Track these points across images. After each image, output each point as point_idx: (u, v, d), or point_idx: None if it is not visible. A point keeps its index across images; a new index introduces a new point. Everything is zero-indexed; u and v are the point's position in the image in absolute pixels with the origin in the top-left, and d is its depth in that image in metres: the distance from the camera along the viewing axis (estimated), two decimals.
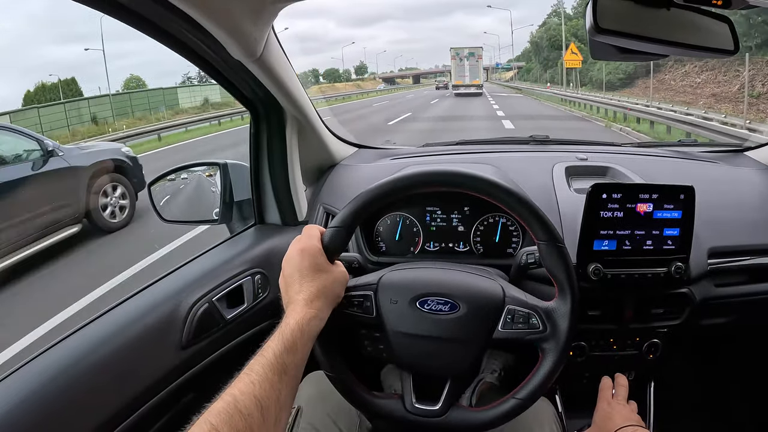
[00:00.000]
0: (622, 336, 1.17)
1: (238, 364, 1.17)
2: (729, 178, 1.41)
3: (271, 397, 0.64)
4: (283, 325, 0.73)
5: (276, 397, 0.65)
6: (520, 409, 0.83)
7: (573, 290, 0.85)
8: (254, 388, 0.63)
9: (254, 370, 0.66)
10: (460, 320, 0.84)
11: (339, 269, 0.83)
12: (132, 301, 0.98)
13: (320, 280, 0.79)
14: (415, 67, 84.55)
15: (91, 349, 0.85)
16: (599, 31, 0.83)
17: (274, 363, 0.67)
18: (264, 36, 0.95)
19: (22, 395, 0.75)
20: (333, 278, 0.81)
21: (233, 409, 0.60)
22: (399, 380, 1.39)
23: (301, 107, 1.22)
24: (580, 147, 1.59)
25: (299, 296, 0.77)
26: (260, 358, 0.68)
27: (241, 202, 1.34)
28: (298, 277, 0.78)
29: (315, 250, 0.81)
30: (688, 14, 0.85)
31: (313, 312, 0.75)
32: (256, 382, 0.64)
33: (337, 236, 0.84)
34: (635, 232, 1.06)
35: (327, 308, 0.79)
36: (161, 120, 17.99)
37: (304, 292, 0.77)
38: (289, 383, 0.68)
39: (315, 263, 0.79)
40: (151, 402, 0.89)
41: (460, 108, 19.80)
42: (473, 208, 1.22)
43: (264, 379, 0.65)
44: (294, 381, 0.70)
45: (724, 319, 1.21)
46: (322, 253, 0.81)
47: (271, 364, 0.67)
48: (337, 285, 0.82)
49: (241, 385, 0.64)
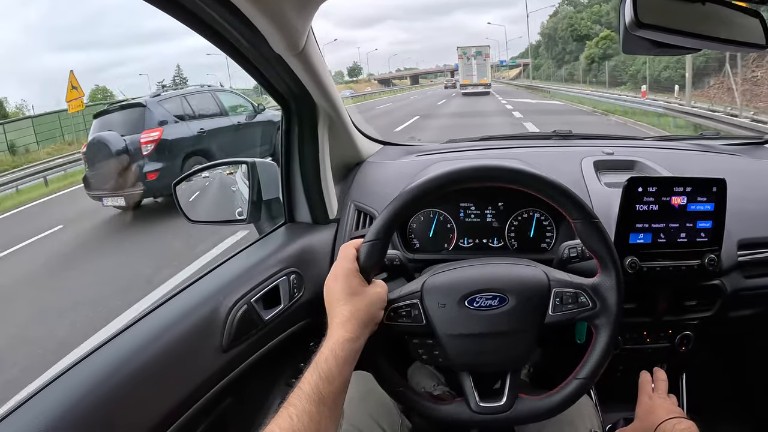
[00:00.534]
0: (655, 329, 1.18)
1: (275, 366, 1.16)
2: (753, 169, 1.42)
3: (311, 429, 0.64)
4: (318, 354, 0.73)
5: (315, 428, 0.65)
6: (583, 389, 0.83)
7: (615, 263, 0.85)
8: (293, 422, 0.64)
9: (292, 404, 0.66)
10: (511, 312, 0.84)
11: (375, 290, 0.82)
12: (169, 304, 0.96)
13: (353, 302, 0.78)
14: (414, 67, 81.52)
15: (131, 355, 0.83)
16: (640, 25, 0.84)
17: (311, 394, 0.67)
18: (306, 29, 0.93)
19: (65, 405, 0.73)
20: (368, 301, 0.80)
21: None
22: (426, 378, 1.40)
23: (334, 103, 1.21)
24: (603, 141, 1.60)
25: (333, 321, 0.77)
26: (298, 390, 0.68)
27: (269, 201, 1.33)
28: (334, 301, 0.79)
29: (349, 273, 0.81)
30: (722, 9, 0.87)
31: (346, 335, 0.75)
32: (294, 415, 0.65)
33: (374, 250, 0.83)
34: (670, 225, 1.07)
35: (361, 330, 0.78)
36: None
37: (338, 316, 0.77)
38: (329, 413, 0.68)
39: (349, 286, 0.79)
40: (193, 408, 0.87)
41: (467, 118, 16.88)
42: (507, 204, 1.22)
43: (302, 412, 0.65)
44: (334, 410, 0.70)
45: (752, 310, 1.22)
46: (356, 274, 0.81)
47: (308, 396, 0.67)
48: (372, 307, 0.80)
49: (280, 420, 0.64)
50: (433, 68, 77.57)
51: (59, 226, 6.84)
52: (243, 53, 0.96)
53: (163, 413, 0.82)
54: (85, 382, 0.76)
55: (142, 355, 0.83)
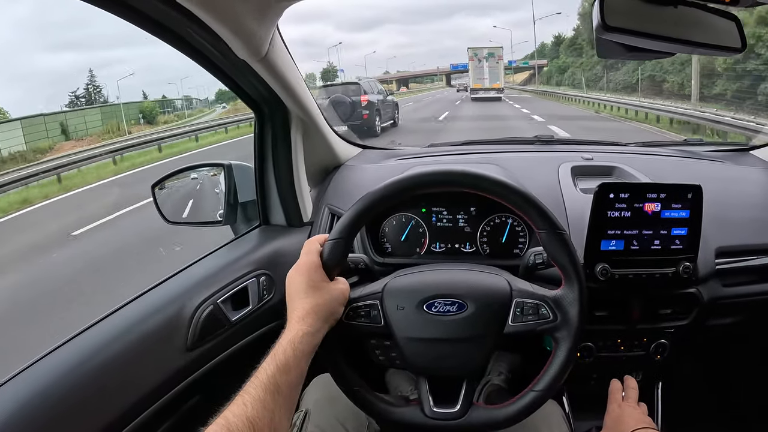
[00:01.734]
0: (629, 336, 1.16)
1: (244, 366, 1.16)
2: (735, 177, 1.40)
3: (264, 417, 0.64)
4: (276, 345, 0.74)
5: (269, 417, 0.65)
6: (539, 401, 0.83)
7: (579, 276, 0.84)
8: (246, 409, 0.64)
9: (248, 392, 0.66)
10: (469, 319, 0.84)
11: (336, 286, 0.83)
12: (137, 302, 0.97)
13: (314, 297, 0.79)
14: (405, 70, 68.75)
15: (96, 351, 0.84)
16: (607, 29, 0.83)
17: (266, 383, 0.67)
18: (269, 35, 0.95)
19: (27, 397, 0.74)
20: (329, 296, 0.80)
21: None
22: (404, 382, 1.39)
23: (305, 107, 1.21)
24: (585, 147, 1.59)
25: (293, 314, 0.77)
26: (254, 379, 0.69)
27: (246, 203, 1.33)
28: (295, 295, 0.79)
29: (311, 267, 0.81)
30: (695, 12, 0.85)
31: (304, 328, 0.75)
32: (249, 403, 0.64)
33: (337, 248, 0.84)
34: (643, 231, 1.05)
35: (320, 324, 0.78)
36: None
37: (297, 310, 0.77)
38: (284, 403, 0.68)
39: (310, 280, 0.80)
40: (156, 404, 0.89)
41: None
42: (479, 209, 1.22)
43: (256, 399, 0.65)
44: (289, 400, 0.70)
45: (731, 319, 1.21)
46: (318, 269, 0.81)
47: (264, 384, 0.67)
48: (332, 302, 0.81)
49: (234, 407, 0.64)
50: (425, 70, 66.57)
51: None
52: (209, 58, 0.97)
53: (127, 406, 0.84)
54: (48, 376, 0.78)
55: (106, 351, 0.85)
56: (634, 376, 1.21)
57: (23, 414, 0.72)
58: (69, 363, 0.81)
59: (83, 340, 0.86)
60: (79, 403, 0.78)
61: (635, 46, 0.90)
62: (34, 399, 0.74)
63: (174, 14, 0.80)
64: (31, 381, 0.77)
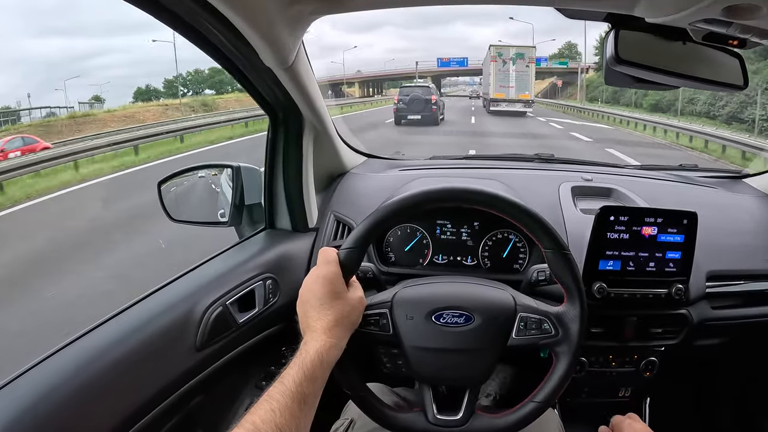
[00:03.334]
0: (621, 353, 1.21)
1: (247, 367, 1.18)
2: (727, 203, 1.46)
3: (291, 426, 0.64)
4: (303, 352, 0.73)
5: (296, 426, 0.65)
6: (538, 412, 0.86)
7: (581, 294, 0.88)
8: (275, 416, 0.64)
9: (274, 398, 0.66)
10: (475, 331, 0.87)
11: (356, 296, 0.83)
12: (148, 301, 0.98)
13: (338, 307, 0.79)
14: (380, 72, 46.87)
15: (107, 348, 0.84)
16: (619, 61, 0.87)
17: (294, 392, 0.67)
18: (297, 45, 0.97)
19: (37, 394, 0.74)
20: (351, 306, 0.81)
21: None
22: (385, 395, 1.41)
23: (320, 115, 1.24)
24: (583, 167, 1.64)
25: (318, 324, 0.77)
26: (280, 385, 0.68)
27: (251, 206, 1.35)
28: (318, 304, 0.79)
29: (333, 276, 0.81)
30: (702, 48, 0.89)
31: (333, 341, 0.76)
32: (277, 410, 0.64)
33: (351, 258, 0.85)
34: (639, 254, 1.10)
35: (345, 336, 0.79)
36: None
37: (323, 320, 0.77)
38: (308, 412, 0.69)
39: (333, 290, 0.80)
40: (164, 403, 0.89)
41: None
42: (482, 223, 1.25)
43: (285, 407, 0.65)
44: (312, 409, 0.70)
45: (718, 340, 1.26)
46: (339, 279, 0.82)
47: (292, 392, 0.67)
48: (354, 312, 0.82)
49: (261, 412, 0.64)
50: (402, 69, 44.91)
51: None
52: (234, 63, 0.99)
53: (134, 407, 0.84)
54: (59, 373, 0.78)
55: (116, 349, 0.85)
56: (623, 391, 1.25)
57: (36, 410, 0.72)
58: (78, 361, 0.81)
59: (93, 339, 0.86)
60: (88, 402, 0.78)
61: (642, 78, 0.95)
62: (42, 399, 0.74)
63: (207, 16, 0.82)
64: (39, 380, 0.77)
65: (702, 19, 0.77)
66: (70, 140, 15.80)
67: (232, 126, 16.46)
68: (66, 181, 9.41)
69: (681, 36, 0.87)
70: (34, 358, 0.81)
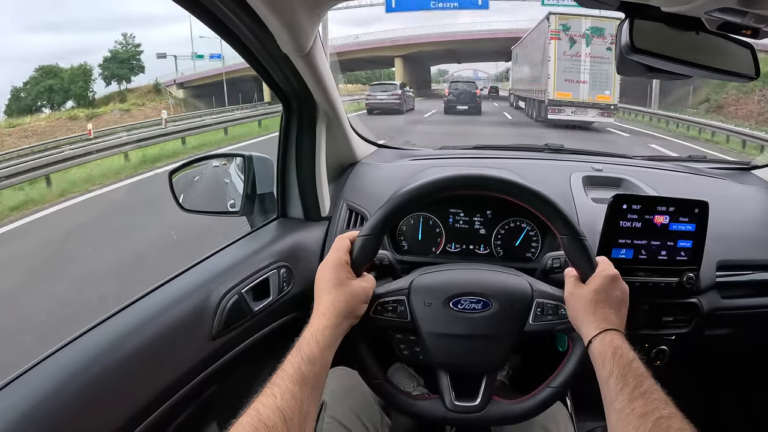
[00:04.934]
0: (632, 341, 1.21)
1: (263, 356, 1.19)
2: (737, 194, 1.47)
3: (294, 407, 0.66)
4: (300, 338, 0.76)
5: (298, 407, 0.67)
6: (555, 397, 0.87)
7: None
8: (276, 400, 0.66)
9: (275, 383, 0.68)
10: (493, 317, 0.88)
11: (360, 284, 0.84)
12: (163, 290, 0.98)
13: (335, 293, 0.81)
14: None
15: (124, 337, 0.85)
16: (634, 50, 0.88)
17: (293, 374, 0.69)
18: (315, 32, 0.97)
19: (57, 382, 0.74)
20: (350, 294, 0.82)
21: (257, 422, 0.62)
22: (406, 379, 1.43)
23: (334, 104, 1.24)
24: (593, 157, 1.65)
25: (317, 309, 0.80)
26: (280, 371, 0.70)
27: (263, 196, 1.35)
28: (321, 290, 0.82)
29: (338, 264, 0.83)
30: (714, 39, 0.90)
31: (324, 322, 0.78)
32: (278, 394, 0.66)
33: (367, 245, 0.85)
34: (651, 242, 1.11)
35: (339, 320, 0.80)
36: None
37: (320, 305, 0.80)
38: (311, 393, 0.70)
39: (336, 277, 0.82)
40: (181, 392, 0.89)
41: None
42: (495, 212, 1.26)
43: (285, 390, 0.67)
44: (316, 390, 0.72)
45: (727, 329, 1.27)
46: (345, 266, 0.83)
47: (290, 375, 0.69)
48: (353, 300, 0.82)
49: (263, 398, 0.66)
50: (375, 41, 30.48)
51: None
52: (251, 50, 0.99)
53: (151, 396, 0.84)
54: (78, 361, 0.78)
55: (133, 338, 0.85)
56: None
57: (56, 398, 0.73)
58: (97, 350, 0.81)
59: (111, 326, 0.86)
60: (107, 390, 0.78)
61: (654, 67, 0.96)
62: (66, 383, 0.74)
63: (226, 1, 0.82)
64: (58, 367, 0.77)
65: (718, 9, 0.77)
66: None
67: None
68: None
69: (695, 26, 0.87)
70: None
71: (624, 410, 0.70)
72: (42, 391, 0.72)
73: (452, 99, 19.41)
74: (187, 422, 0.94)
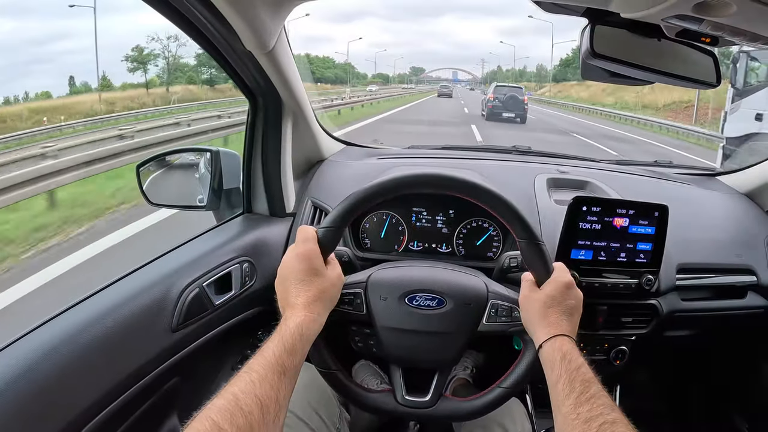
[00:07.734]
0: (592, 341, 1.24)
1: (222, 349, 1.19)
2: (699, 199, 1.50)
3: (271, 396, 0.66)
4: (282, 327, 0.75)
5: (275, 396, 0.66)
6: (504, 398, 0.89)
7: None
8: (255, 387, 0.65)
9: (254, 370, 0.68)
10: (447, 315, 0.90)
11: (335, 272, 0.85)
12: (125, 281, 0.98)
13: (317, 283, 0.81)
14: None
15: (83, 327, 0.84)
16: (594, 55, 0.89)
17: (273, 364, 0.69)
18: (278, 30, 0.97)
19: (13, 373, 0.74)
20: (330, 282, 0.83)
21: (234, 407, 0.62)
22: (371, 376, 1.44)
23: (299, 101, 1.24)
24: (560, 160, 1.67)
25: (298, 300, 0.79)
26: (260, 357, 0.70)
27: (230, 191, 1.35)
28: (297, 281, 0.80)
29: (312, 254, 0.82)
30: (676, 46, 0.92)
31: (312, 316, 0.78)
32: (257, 381, 0.66)
33: (330, 236, 0.86)
34: (611, 244, 1.13)
35: (325, 312, 0.81)
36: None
37: (303, 296, 0.79)
38: (288, 384, 0.70)
39: (312, 267, 0.81)
40: (140, 383, 0.90)
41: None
42: (458, 212, 1.28)
43: (264, 378, 0.67)
44: (292, 382, 0.72)
45: (687, 331, 1.31)
46: (318, 256, 0.83)
47: (271, 364, 0.69)
48: (333, 289, 0.84)
49: (241, 384, 0.65)
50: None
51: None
52: (215, 46, 1.00)
53: (111, 386, 0.84)
54: (35, 352, 0.78)
55: (93, 329, 0.85)
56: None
57: (16, 387, 0.72)
58: (54, 341, 0.80)
59: (70, 318, 0.86)
60: (64, 381, 0.78)
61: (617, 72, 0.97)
62: (17, 378, 0.73)
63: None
64: (14, 359, 0.76)
65: (674, 15, 0.78)
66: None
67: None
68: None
69: (656, 33, 0.89)
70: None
71: (570, 415, 0.70)
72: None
73: (498, 105, 18.12)
74: (149, 412, 0.95)
